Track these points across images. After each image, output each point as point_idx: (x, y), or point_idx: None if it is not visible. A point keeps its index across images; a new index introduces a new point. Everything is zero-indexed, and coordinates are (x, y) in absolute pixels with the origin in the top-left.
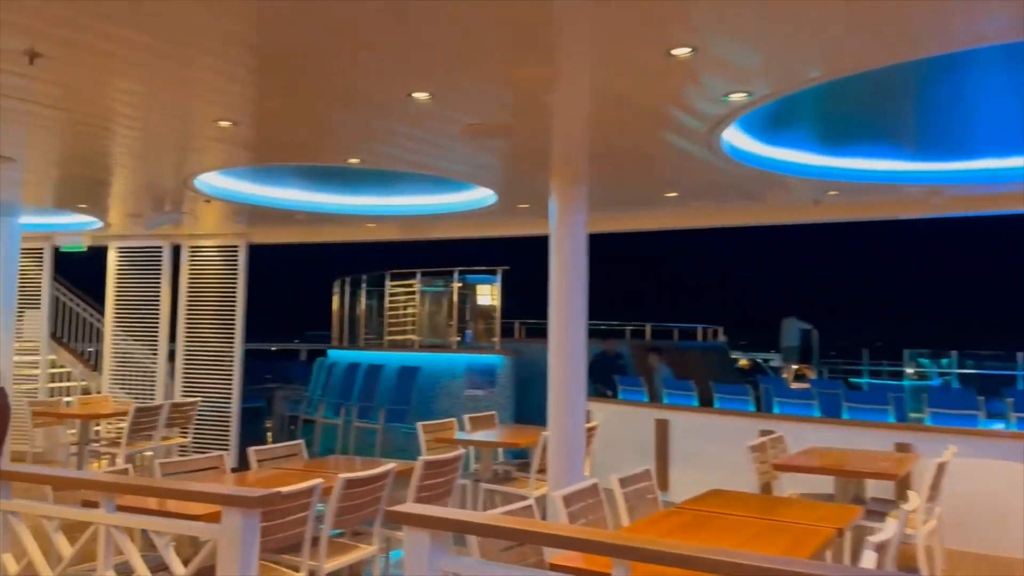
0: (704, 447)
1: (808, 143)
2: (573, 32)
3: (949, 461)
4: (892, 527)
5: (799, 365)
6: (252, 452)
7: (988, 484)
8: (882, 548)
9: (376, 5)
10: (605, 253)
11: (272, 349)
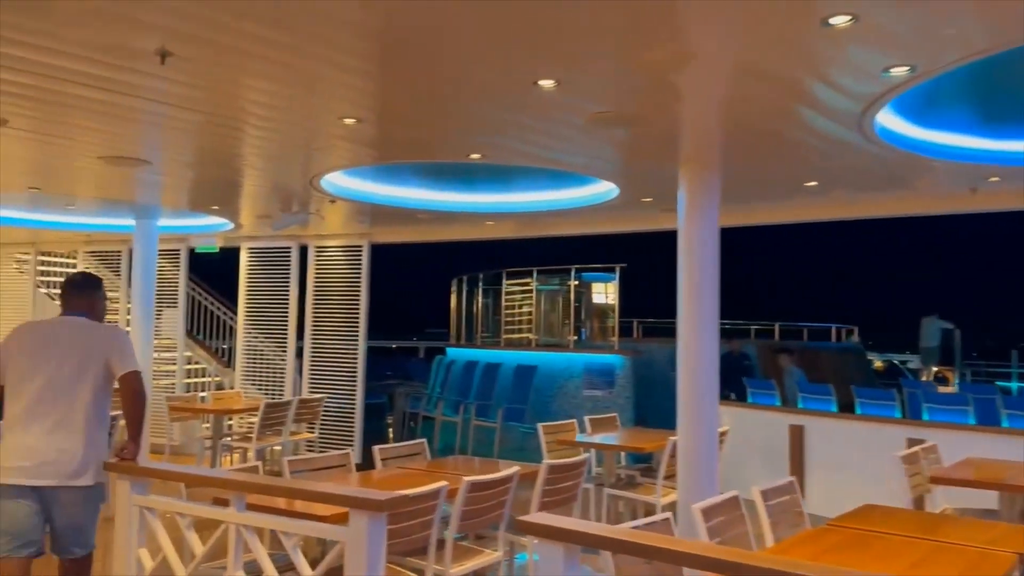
0: (844, 456)
1: (966, 124)
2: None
3: None
4: None
5: (939, 367)
6: (377, 451)
7: None
8: None
9: None
10: (726, 246)
11: (392, 347)
